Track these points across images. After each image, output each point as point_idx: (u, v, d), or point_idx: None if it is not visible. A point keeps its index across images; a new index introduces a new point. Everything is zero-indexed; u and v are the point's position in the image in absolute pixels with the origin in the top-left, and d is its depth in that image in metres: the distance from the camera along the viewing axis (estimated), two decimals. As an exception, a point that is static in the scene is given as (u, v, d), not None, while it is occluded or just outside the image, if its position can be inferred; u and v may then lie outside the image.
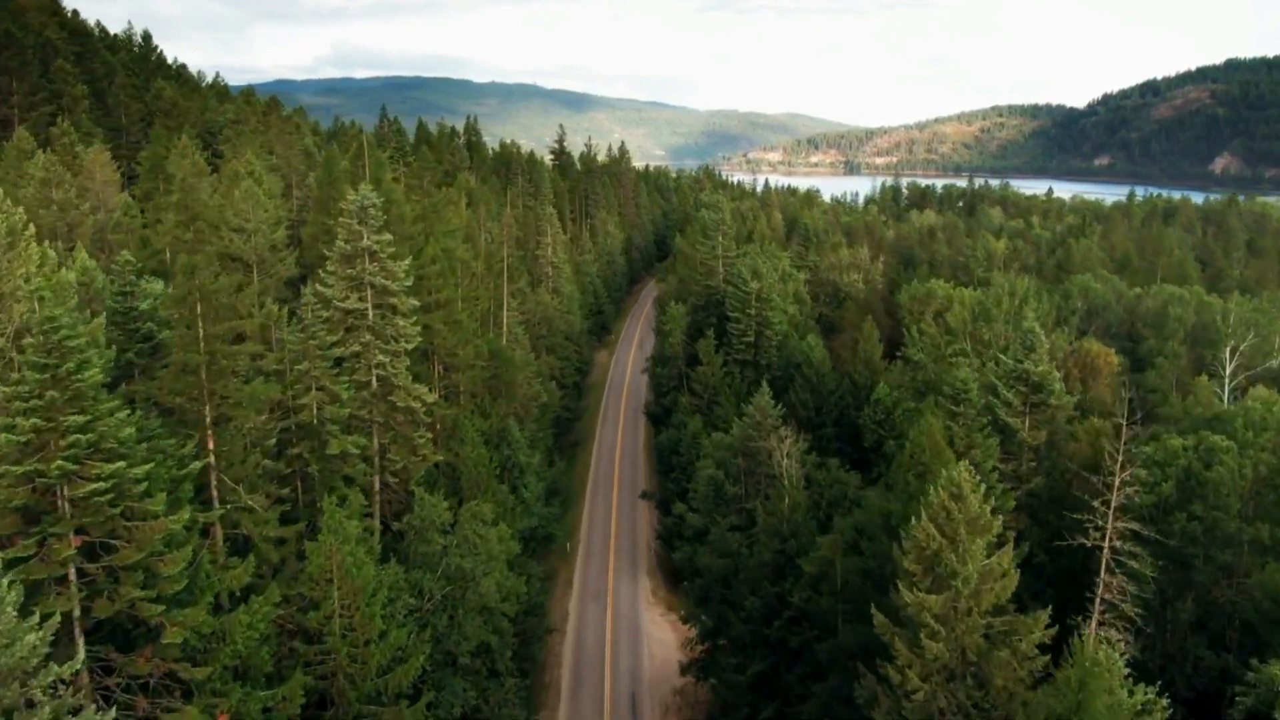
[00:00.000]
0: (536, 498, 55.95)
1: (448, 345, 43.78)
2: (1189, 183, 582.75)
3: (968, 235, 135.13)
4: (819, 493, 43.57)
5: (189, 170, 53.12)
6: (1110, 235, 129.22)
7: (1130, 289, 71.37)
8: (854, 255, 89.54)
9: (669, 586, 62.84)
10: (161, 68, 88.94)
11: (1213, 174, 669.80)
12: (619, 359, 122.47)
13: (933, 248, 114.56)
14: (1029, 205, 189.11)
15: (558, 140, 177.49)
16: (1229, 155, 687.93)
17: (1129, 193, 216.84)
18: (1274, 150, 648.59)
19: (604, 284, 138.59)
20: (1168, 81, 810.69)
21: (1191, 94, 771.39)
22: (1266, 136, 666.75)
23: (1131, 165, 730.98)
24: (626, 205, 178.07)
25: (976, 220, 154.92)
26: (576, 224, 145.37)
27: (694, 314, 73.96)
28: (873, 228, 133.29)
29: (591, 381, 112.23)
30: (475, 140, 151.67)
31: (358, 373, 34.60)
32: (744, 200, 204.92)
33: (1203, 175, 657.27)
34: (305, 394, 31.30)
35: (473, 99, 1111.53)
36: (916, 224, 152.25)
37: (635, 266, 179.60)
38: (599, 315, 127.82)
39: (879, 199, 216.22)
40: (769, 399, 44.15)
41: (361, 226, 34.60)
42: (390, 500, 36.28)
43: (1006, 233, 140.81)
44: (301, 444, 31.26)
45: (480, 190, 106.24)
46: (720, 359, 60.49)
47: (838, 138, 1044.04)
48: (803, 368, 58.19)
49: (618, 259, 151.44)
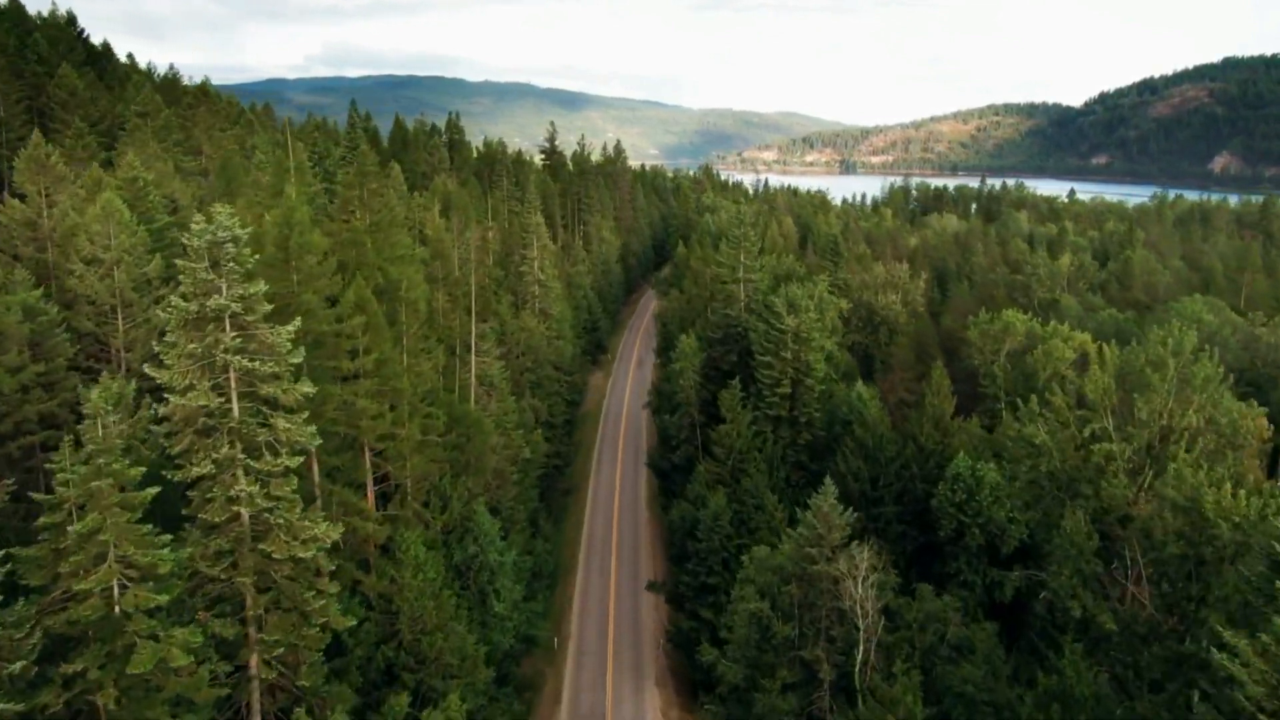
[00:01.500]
0: (512, 606, 42.75)
1: (379, 428, 30.66)
2: (1188, 182, 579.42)
3: (999, 243, 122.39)
4: (907, 636, 30.57)
5: (49, 178, 39.66)
6: (1159, 244, 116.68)
7: (1240, 317, 58.31)
8: (890, 272, 76.57)
9: (684, 701, 49.78)
10: (74, 52, 75.08)
11: (1212, 173, 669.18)
12: (616, 383, 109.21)
13: (970, 260, 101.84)
14: (1055, 208, 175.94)
15: (548, 139, 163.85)
16: (1228, 154, 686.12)
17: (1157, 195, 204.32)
18: (1274, 149, 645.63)
19: (599, 296, 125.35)
20: (1165, 80, 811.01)
21: (1189, 92, 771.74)
22: (1266, 135, 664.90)
23: (1130, 164, 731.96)
24: (623, 208, 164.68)
25: (1004, 225, 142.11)
26: (569, 230, 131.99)
27: (709, 348, 60.53)
28: (896, 236, 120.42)
29: (585, 410, 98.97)
30: (458, 139, 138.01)
31: (210, 508, 21.39)
32: (749, 203, 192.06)
33: (1202, 174, 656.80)
34: (95, 569, 18.10)
35: (466, 98, 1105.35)
36: (938, 229, 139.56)
37: (633, 274, 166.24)
38: (594, 333, 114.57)
39: (889, 201, 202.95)
40: (833, 502, 31.08)
41: (214, 274, 21.45)
42: (275, 706, 23.04)
43: (1041, 239, 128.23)
44: (84, 656, 18.08)
45: (459, 196, 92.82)
46: (748, 415, 47.34)
47: (833, 137, 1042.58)
48: (854, 427, 45.14)
49: (614, 268, 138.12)
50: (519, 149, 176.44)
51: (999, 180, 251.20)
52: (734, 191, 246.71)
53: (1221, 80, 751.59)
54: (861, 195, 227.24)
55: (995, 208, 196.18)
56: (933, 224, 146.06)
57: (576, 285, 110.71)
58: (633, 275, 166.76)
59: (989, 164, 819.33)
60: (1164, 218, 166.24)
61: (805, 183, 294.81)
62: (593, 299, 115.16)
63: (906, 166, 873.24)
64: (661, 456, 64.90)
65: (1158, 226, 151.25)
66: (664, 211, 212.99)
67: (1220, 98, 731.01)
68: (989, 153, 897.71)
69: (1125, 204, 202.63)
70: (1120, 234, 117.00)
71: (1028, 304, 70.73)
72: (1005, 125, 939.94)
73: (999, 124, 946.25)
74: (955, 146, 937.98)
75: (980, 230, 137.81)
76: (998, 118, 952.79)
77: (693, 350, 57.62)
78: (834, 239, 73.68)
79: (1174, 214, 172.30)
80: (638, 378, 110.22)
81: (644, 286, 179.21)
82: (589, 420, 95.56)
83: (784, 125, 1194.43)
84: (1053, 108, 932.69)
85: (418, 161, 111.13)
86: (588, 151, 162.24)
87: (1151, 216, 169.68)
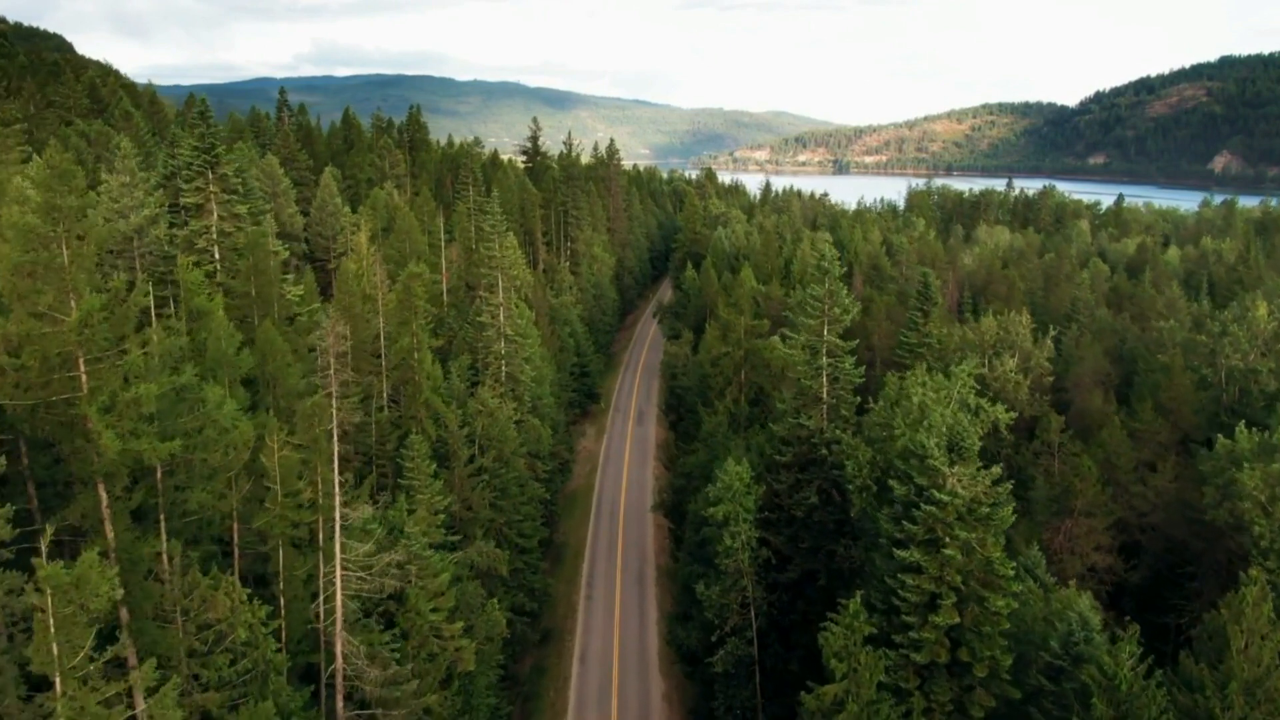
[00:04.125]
0: None
1: None
2: (1188, 181, 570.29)
3: (1079, 264, 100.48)
4: None
5: None
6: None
7: None
8: (1003, 325, 54.42)
9: None
10: None
11: (1213, 172, 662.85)
12: (611, 445, 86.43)
13: (1060, 292, 79.89)
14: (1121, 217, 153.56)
15: (530, 138, 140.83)
16: (1229, 153, 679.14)
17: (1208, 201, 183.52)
18: (1275, 148, 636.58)
19: (590, 327, 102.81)
20: (1162, 79, 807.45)
21: (1187, 91, 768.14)
22: (1267, 134, 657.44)
23: (1128, 163, 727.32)
24: (616, 218, 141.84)
25: (1066, 239, 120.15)
26: (553, 249, 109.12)
27: (770, 472, 37.42)
28: (954, 256, 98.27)
29: (574, 488, 76.38)
30: (420, 138, 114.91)
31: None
32: (762, 211, 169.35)
33: (1202, 174, 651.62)
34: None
35: (455, 97, 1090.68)
36: (988, 244, 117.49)
37: (628, 294, 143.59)
38: (583, 377, 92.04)
39: (915, 207, 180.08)
40: None
41: None
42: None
43: (1119, 256, 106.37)
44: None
45: (403, 213, 69.89)
46: (874, 666, 24.16)
47: (825, 136, 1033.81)
48: (1093, 702, 22.95)
49: (607, 291, 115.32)
50: (494, 149, 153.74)
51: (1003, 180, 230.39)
52: (736, 195, 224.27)
53: (1219, 79, 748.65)
54: (880, 199, 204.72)
55: (1032, 214, 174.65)
56: (981, 238, 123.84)
57: (562, 320, 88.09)
58: (629, 295, 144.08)
59: (984, 164, 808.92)
60: (1233, 226, 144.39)
61: (798, 183, 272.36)
62: (582, 336, 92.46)
63: (900, 166, 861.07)
64: (689, 637, 41.61)
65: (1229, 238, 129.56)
66: (660, 218, 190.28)
67: (1219, 97, 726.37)
68: (984, 152, 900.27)
69: (1177, 210, 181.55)
70: (1232, 253, 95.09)
71: (1214, 382, 48.65)
72: (1000, 124, 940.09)
73: (993, 123, 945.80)
74: (949, 146, 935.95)
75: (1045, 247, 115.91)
76: (992, 117, 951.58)
77: (742, 485, 34.79)
78: (925, 278, 51.39)
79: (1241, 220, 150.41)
80: (639, 439, 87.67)
81: (641, 305, 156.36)
82: (577, 506, 72.83)
83: (774, 125, 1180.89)
84: (1047, 107, 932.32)
85: (360, 166, 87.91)
86: (576, 152, 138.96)
87: (1216, 225, 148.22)
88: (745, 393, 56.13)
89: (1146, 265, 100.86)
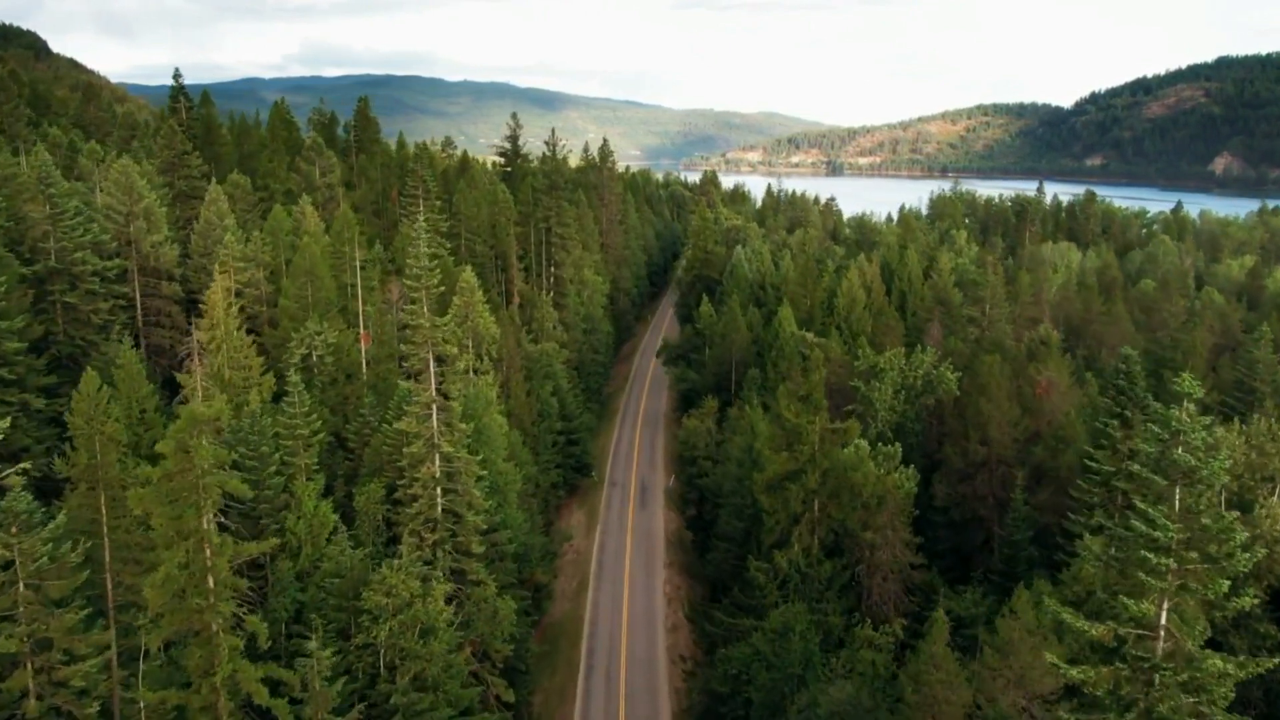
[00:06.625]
0: None
1: None
2: (1189, 183, 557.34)
3: (1185, 295, 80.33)
4: None
5: None
6: None
7: None
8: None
9: None
10: None
11: (1213, 174, 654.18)
12: (607, 543, 65.06)
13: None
14: (1215, 232, 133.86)
15: (508, 137, 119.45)
16: (1229, 155, 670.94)
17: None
18: (1277, 149, 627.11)
19: (579, 373, 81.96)
20: (1159, 80, 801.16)
21: (1184, 92, 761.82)
22: (1268, 135, 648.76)
23: (1126, 165, 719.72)
24: (610, 231, 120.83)
25: (1153, 261, 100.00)
26: (532, 274, 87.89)
27: None
28: (1040, 286, 77.77)
29: (556, 620, 55.35)
30: (368, 139, 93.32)
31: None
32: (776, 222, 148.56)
33: (1202, 175, 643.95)
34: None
35: (445, 97, 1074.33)
36: (1063, 267, 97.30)
37: (624, 318, 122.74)
38: (570, 446, 71.06)
39: (945, 215, 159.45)
40: None
41: None
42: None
43: (1239, 288, 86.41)
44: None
45: (307, 245, 48.56)
46: None
47: (819, 137, 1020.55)
48: None
49: (599, 325, 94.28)
50: (464, 150, 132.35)
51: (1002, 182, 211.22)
52: (741, 201, 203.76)
53: (1216, 79, 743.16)
54: (904, 206, 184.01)
55: (1076, 223, 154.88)
56: (1046, 256, 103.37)
57: (543, 375, 67.14)
58: (624, 320, 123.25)
59: (979, 165, 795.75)
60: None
61: (792, 185, 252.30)
62: (567, 393, 71.45)
63: (895, 167, 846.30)
64: None
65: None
66: (659, 227, 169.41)
67: (1217, 97, 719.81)
68: (979, 153, 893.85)
69: (1236, 220, 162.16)
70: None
71: None
72: (995, 125, 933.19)
73: (988, 124, 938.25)
74: (944, 147, 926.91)
75: (1125, 267, 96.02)
76: (987, 118, 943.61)
77: None
78: (1127, 360, 31.64)
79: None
80: (643, 533, 66.49)
81: (639, 328, 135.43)
82: (559, 654, 51.41)
83: (766, 126, 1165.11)
84: (1043, 108, 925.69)
85: (275, 174, 66.16)
86: (562, 154, 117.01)
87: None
88: (822, 535, 35.40)
89: (1263, 293, 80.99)
